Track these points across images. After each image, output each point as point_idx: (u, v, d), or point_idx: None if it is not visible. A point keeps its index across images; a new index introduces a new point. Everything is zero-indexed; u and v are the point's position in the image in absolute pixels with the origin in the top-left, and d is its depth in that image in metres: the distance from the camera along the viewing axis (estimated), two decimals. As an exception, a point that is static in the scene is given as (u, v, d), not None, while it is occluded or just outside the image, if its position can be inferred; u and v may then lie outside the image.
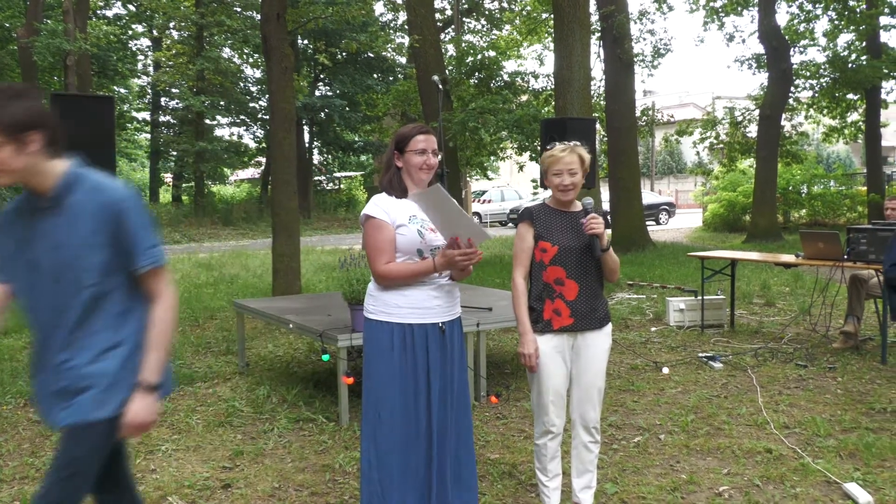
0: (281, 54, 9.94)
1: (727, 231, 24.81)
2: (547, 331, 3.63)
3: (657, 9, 22.84)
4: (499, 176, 42.03)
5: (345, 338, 5.25)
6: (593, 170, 8.13)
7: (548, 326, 3.62)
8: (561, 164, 3.59)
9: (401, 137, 3.38)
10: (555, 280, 3.60)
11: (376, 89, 31.78)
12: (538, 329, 3.63)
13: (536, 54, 40.58)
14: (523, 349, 3.61)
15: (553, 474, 3.76)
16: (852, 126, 24.77)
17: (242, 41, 29.58)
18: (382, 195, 3.38)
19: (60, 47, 22.20)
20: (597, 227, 3.53)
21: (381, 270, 3.27)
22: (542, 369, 3.63)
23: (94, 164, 6.73)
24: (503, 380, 6.65)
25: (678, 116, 27.97)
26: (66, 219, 2.48)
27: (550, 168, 3.63)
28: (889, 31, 22.64)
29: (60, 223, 2.48)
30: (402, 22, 31.74)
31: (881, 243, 6.90)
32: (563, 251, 3.59)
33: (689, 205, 42.46)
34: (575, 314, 3.61)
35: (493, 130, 17.32)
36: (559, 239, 3.61)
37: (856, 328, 7.57)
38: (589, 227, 3.53)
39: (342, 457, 4.80)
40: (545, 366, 3.63)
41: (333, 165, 44.45)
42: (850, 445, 4.85)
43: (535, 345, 3.60)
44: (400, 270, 3.26)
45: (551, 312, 3.62)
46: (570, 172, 3.60)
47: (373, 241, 3.30)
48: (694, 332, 8.59)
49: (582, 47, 11.84)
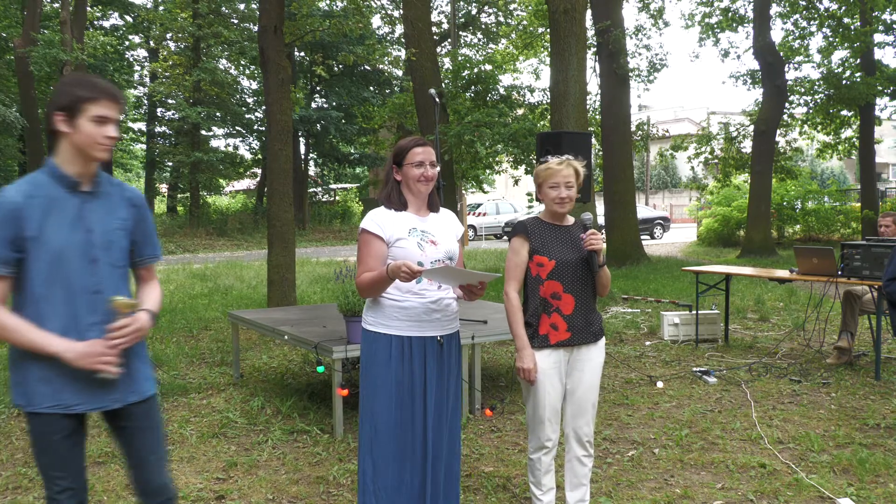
0: (278, 66, 9.96)
1: (721, 246, 24.86)
2: (544, 346, 3.64)
3: (653, 24, 23.04)
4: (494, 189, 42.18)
5: (340, 350, 5.25)
6: (589, 184, 8.16)
7: (545, 342, 3.63)
8: (558, 177, 3.60)
9: (399, 150, 3.38)
10: (552, 294, 3.61)
11: (373, 102, 31.83)
12: (535, 345, 3.64)
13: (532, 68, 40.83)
14: (522, 364, 3.61)
15: (547, 488, 3.76)
16: (846, 142, 24.89)
17: (239, 53, 29.59)
18: (381, 209, 3.39)
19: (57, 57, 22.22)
20: (596, 244, 3.56)
21: (357, 283, 3.34)
22: (539, 385, 3.64)
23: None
24: (498, 393, 6.65)
25: (673, 131, 28.09)
26: (104, 204, 2.72)
27: (546, 181, 3.64)
28: (883, 48, 22.90)
29: (99, 207, 2.70)
30: (398, 35, 31.85)
31: (875, 259, 6.92)
32: (561, 265, 3.60)
33: (684, 219, 42.53)
34: (572, 328, 3.62)
35: (488, 144, 17.36)
36: (556, 253, 3.61)
37: (850, 344, 7.58)
38: (589, 244, 3.55)
39: (336, 469, 4.79)
40: (542, 382, 3.63)
41: (329, 177, 44.44)
42: (843, 461, 4.86)
43: (534, 359, 3.60)
44: (364, 279, 3.29)
45: (548, 327, 3.63)
46: (567, 185, 3.61)
47: (359, 254, 3.37)
48: (688, 346, 8.60)
49: (578, 62, 11.88)
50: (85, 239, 2.63)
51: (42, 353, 2.56)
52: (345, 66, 30.90)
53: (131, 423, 2.80)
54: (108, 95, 2.62)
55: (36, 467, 2.71)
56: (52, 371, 2.59)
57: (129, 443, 2.82)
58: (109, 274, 2.69)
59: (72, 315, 2.61)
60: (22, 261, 2.58)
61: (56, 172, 2.63)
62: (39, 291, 2.58)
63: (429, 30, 17.79)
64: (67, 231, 2.60)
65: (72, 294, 2.61)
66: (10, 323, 2.56)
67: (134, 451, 2.83)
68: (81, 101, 2.57)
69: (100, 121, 2.60)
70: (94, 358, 2.58)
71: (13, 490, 4.50)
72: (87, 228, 2.64)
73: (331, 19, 14.28)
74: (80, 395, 2.64)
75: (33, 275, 2.58)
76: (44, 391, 2.60)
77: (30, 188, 2.59)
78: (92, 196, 2.68)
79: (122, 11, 32.24)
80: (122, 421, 2.79)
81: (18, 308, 2.61)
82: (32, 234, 2.55)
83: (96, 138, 2.60)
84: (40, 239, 2.56)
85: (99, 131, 2.60)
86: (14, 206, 2.54)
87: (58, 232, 2.59)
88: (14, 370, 2.66)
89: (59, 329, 2.58)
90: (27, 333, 2.55)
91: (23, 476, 4.70)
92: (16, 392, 2.66)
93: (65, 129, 2.60)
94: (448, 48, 27.41)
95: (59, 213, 2.60)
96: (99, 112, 2.59)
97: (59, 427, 2.64)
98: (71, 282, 2.61)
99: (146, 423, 2.82)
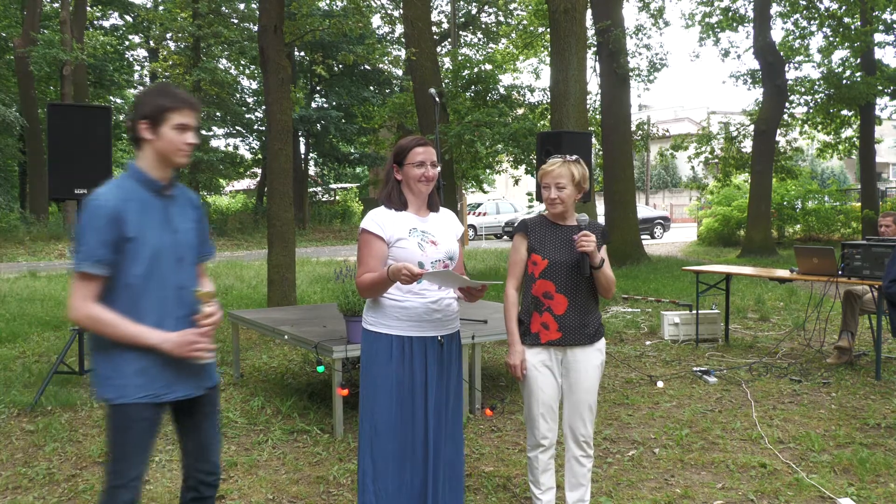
0: (278, 66, 9.96)
1: (722, 245, 24.85)
2: (535, 344, 3.64)
3: (653, 24, 23.03)
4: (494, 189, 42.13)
5: (340, 349, 5.25)
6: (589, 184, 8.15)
7: (535, 339, 3.63)
8: (549, 178, 3.61)
9: (399, 150, 3.37)
10: (543, 294, 3.61)
11: (373, 101, 31.83)
12: (527, 342, 3.65)
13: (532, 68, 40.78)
14: (510, 359, 3.65)
15: (546, 487, 3.75)
16: (847, 142, 24.89)
17: (239, 52, 29.59)
18: (381, 209, 3.38)
19: (57, 57, 22.24)
20: (587, 245, 3.50)
21: (357, 283, 3.32)
22: (531, 382, 3.64)
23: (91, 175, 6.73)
24: (498, 392, 6.65)
25: (673, 131, 28.09)
26: (180, 206, 2.95)
27: (541, 181, 3.67)
28: (883, 48, 22.98)
29: (176, 210, 2.92)
30: (398, 35, 31.85)
31: (876, 259, 6.92)
32: (553, 265, 3.59)
33: (684, 219, 42.51)
34: (563, 329, 3.61)
35: (488, 143, 17.34)
36: (550, 253, 3.61)
37: (850, 343, 7.58)
38: (579, 245, 3.51)
39: (336, 468, 4.79)
40: (534, 379, 3.64)
41: (329, 177, 44.46)
42: (844, 460, 4.86)
43: (522, 356, 3.63)
44: (364, 280, 3.28)
45: (539, 326, 3.63)
46: (558, 186, 3.60)
47: (359, 254, 3.36)
48: (688, 346, 8.60)
49: (578, 61, 11.87)
50: (173, 239, 2.86)
51: (138, 346, 2.75)
52: (345, 66, 30.90)
53: (202, 409, 3.01)
54: (189, 105, 2.83)
55: (109, 458, 2.84)
56: (146, 362, 2.77)
57: (197, 427, 3.02)
58: (191, 270, 2.95)
59: (165, 309, 2.82)
60: (117, 261, 2.75)
61: (142, 177, 2.84)
62: (138, 288, 2.77)
63: (429, 29, 17.78)
64: (159, 232, 2.82)
65: (164, 290, 2.82)
66: (107, 318, 2.73)
67: (200, 435, 3.03)
68: (164, 110, 2.78)
69: (181, 128, 2.81)
70: (189, 346, 2.79)
71: (13, 490, 4.50)
72: (173, 229, 2.87)
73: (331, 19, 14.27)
74: (170, 384, 2.84)
75: (132, 273, 2.76)
76: (138, 382, 2.78)
77: (122, 192, 2.79)
78: (171, 199, 2.91)
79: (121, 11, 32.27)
80: (195, 406, 2.98)
81: (113, 304, 2.76)
82: (132, 236, 2.74)
83: (178, 145, 2.82)
84: (139, 240, 2.76)
85: (180, 138, 2.81)
86: (114, 209, 2.72)
87: (152, 233, 2.80)
88: (104, 364, 2.81)
89: (154, 322, 2.78)
90: (125, 327, 2.74)
91: (23, 476, 4.69)
92: (105, 386, 2.80)
93: (148, 137, 2.80)
94: (448, 48, 27.41)
95: (150, 215, 2.81)
96: (180, 120, 2.80)
97: (147, 416, 2.81)
98: (164, 279, 2.82)
99: (213, 408, 3.07)
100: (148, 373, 2.78)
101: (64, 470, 4.81)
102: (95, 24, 31.63)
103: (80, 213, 2.78)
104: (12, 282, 14.98)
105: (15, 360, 7.96)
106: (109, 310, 2.74)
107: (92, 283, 2.72)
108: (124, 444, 2.81)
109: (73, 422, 5.80)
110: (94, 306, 2.73)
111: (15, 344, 8.70)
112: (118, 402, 2.78)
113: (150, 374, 2.78)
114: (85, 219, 2.72)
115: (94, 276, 2.72)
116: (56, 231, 23.91)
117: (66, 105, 7.13)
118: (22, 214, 26.04)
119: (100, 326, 2.75)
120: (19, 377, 7.12)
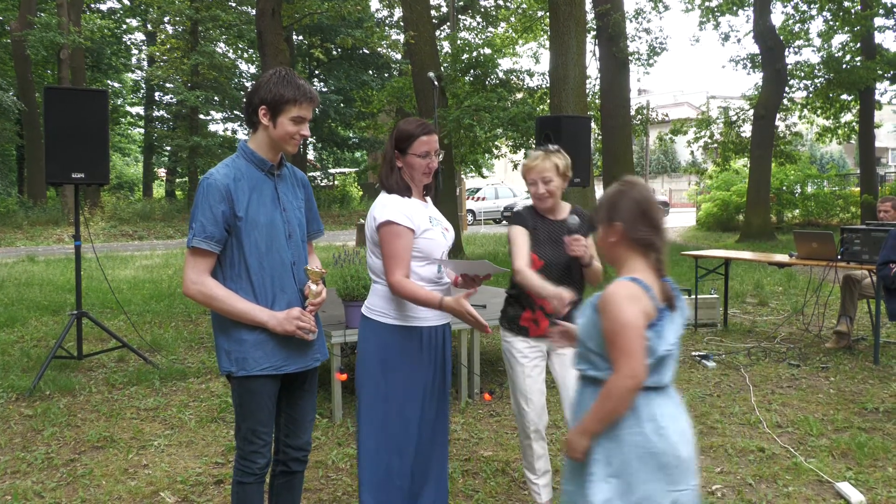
0: (276, 49, 9.92)
1: (721, 230, 24.84)
2: (522, 335, 3.66)
3: (653, 8, 22.89)
4: (493, 173, 42.10)
5: (338, 334, 5.24)
6: (588, 168, 8.13)
7: (524, 333, 3.64)
8: (534, 174, 3.59)
9: (403, 137, 3.14)
10: None
11: (371, 85, 31.71)
12: (514, 332, 3.65)
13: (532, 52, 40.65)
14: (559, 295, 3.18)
15: (542, 472, 3.75)
16: (846, 127, 24.83)
17: (237, 36, 29.47)
18: (395, 197, 3.14)
19: (54, 41, 22.13)
20: (578, 250, 3.47)
21: (396, 283, 3.05)
22: (517, 370, 3.64)
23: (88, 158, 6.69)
24: (497, 377, 6.65)
25: (672, 115, 28.08)
26: (288, 185, 3.04)
27: (526, 177, 3.65)
28: (883, 32, 22.74)
29: (286, 188, 3.01)
30: (397, 18, 31.66)
31: (875, 244, 6.91)
32: (549, 266, 3.58)
33: (683, 204, 42.53)
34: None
35: (487, 128, 17.28)
36: (545, 253, 3.60)
37: (849, 328, 7.58)
38: (571, 250, 3.49)
39: (335, 453, 4.79)
40: (521, 366, 3.64)
41: (328, 161, 44.36)
42: (842, 445, 4.87)
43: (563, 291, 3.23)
44: (414, 291, 3.05)
45: (529, 321, 3.63)
46: (544, 181, 3.57)
47: (391, 250, 3.06)
48: (687, 330, 8.59)
49: (577, 45, 11.81)
50: (283, 217, 2.94)
51: (249, 322, 2.83)
52: (343, 50, 30.82)
53: (302, 385, 3.10)
54: (309, 99, 2.87)
55: (239, 429, 2.98)
56: (264, 335, 2.87)
57: (294, 404, 3.11)
58: (300, 247, 3.02)
59: (278, 285, 2.91)
60: (229, 238, 2.84)
61: (253, 157, 2.92)
62: (251, 265, 2.86)
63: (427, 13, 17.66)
64: (270, 209, 2.90)
65: (276, 267, 2.90)
66: (220, 293, 2.82)
67: (296, 412, 3.12)
68: (285, 101, 2.83)
69: (297, 121, 2.87)
70: (294, 324, 2.87)
71: (12, 475, 4.50)
72: (283, 207, 2.95)
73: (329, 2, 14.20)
74: (288, 357, 2.94)
75: (246, 250, 2.85)
76: (257, 355, 2.87)
77: (233, 171, 2.87)
78: (280, 178, 2.99)
79: (119, -6, 32.09)
80: (295, 382, 3.06)
81: (225, 280, 2.86)
82: (241, 214, 2.82)
83: (293, 135, 2.89)
84: (248, 218, 2.83)
85: (296, 129, 2.88)
86: (225, 188, 2.80)
87: (263, 211, 2.87)
88: (225, 339, 2.90)
89: (268, 298, 2.88)
90: (237, 303, 2.83)
91: (21, 461, 4.70)
92: (226, 360, 2.90)
93: (265, 123, 2.87)
94: (447, 31, 27.25)
95: (260, 194, 2.89)
96: (298, 113, 2.86)
97: (269, 387, 2.93)
98: (276, 255, 2.90)
99: (311, 385, 3.15)
100: (265, 346, 2.87)
101: (62, 454, 4.81)
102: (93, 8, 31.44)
103: (195, 192, 2.85)
104: (10, 266, 14.96)
105: (13, 344, 7.95)
106: (221, 286, 2.83)
107: (204, 258, 2.81)
108: (252, 414, 2.92)
109: (72, 406, 5.81)
110: (206, 281, 2.81)
111: (13, 328, 8.69)
112: (240, 374, 2.88)
113: (267, 348, 2.87)
114: (198, 197, 2.80)
115: (206, 251, 2.80)
116: (54, 215, 23.84)
117: (63, 88, 7.09)
118: (20, 199, 26.00)
119: (212, 301, 2.82)
120: (18, 362, 7.12)
